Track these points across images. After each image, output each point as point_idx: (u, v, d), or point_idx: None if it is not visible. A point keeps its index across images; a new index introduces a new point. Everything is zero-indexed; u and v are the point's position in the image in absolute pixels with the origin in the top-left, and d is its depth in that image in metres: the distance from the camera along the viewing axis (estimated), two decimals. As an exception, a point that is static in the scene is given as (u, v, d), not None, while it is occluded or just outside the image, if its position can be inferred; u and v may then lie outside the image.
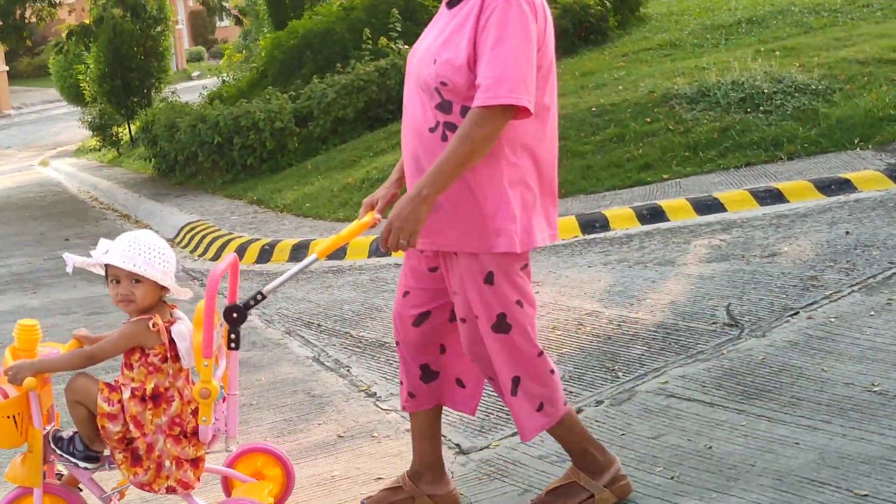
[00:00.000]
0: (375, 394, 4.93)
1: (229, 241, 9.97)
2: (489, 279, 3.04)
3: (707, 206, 7.54)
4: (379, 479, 3.84)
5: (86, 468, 3.26)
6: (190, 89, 27.48)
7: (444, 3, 3.17)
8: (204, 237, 10.56)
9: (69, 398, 3.19)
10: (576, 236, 7.66)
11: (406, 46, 14.96)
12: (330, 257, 8.12)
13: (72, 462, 3.26)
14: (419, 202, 2.88)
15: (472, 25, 2.91)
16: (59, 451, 3.25)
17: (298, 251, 8.86)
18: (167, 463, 3.13)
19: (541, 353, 3.16)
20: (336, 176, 12.08)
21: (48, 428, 3.26)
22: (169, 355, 3.13)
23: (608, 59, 13.42)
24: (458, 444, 4.10)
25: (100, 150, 24.72)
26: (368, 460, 4.10)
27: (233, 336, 3.15)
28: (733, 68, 10.05)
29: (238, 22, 25.57)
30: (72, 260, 3.17)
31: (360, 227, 3.22)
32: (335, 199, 10.68)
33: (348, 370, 5.38)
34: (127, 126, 23.89)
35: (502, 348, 3.10)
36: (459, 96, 2.94)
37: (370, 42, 15.29)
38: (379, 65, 14.73)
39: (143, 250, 3.12)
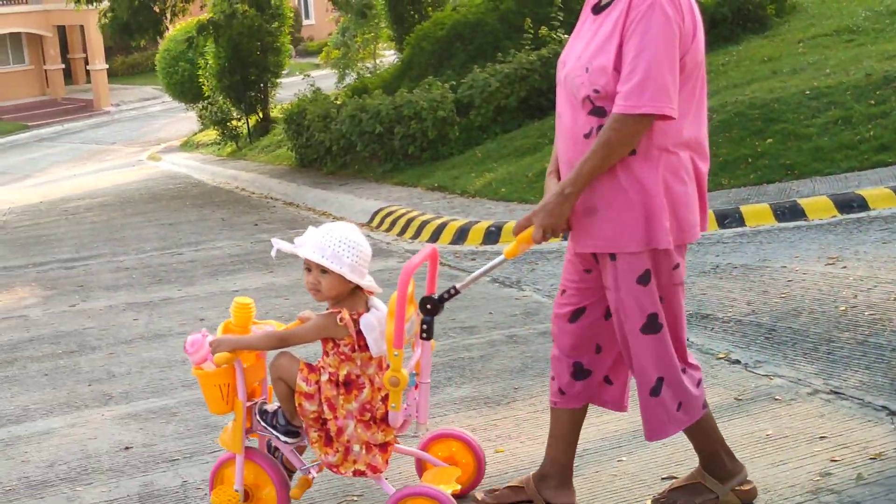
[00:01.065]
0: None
1: (427, 222, 10.12)
2: (643, 279, 3.09)
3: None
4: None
5: (286, 442, 3.46)
6: (292, 85, 27.64)
7: (588, 9, 3.21)
8: (398, 219, 10.70)
9: (272, 374, 3.40)
10: (833, 216, 7.60)
11: (566, 35, 14.94)
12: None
13: (274, 434, 3.47)
14: (563, 200, 3.04)
15: (619, 31, 2.97)
16: (263, 423, 3.47)
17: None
18: (356, 447, 3.28)
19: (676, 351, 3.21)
20: (521, 161, 12.11)
21: (256, 400, 3.51)
22: (358, 345, 3.26)
23: (783, 45, 13.28)
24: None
25: (218, 143, 25.03)
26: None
27: (425, 326, 3.28)
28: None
29: (362, 15, 25.61)
30: (278, 245, 3.32)
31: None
32: (534, 183, 10.72)
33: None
34: (245, 120, 24.18)
35: (648, 349, 3.15)
36: (612, 102, 3.00)
37: (531, 31, 15.26)
38: (541, 53, 14.74)
39: (335, 243, 3.23)
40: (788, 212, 7.86)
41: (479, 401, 4.86)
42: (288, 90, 25.37)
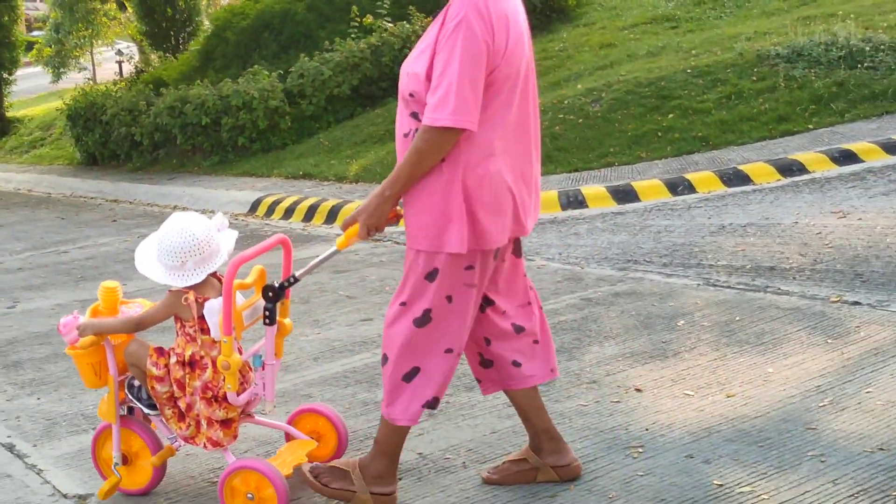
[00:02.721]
0: None
1: (321, 203, 10.00)
2: (430, 276, 3.28)
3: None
4: None
5: (149, 413, 3.78)
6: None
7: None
8: (296, 206, 10.49)
9: (127, 361, 3.67)
10: (778, 179, 8.24)
11: (392, 24, 15.05)
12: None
13: (139, 406, 3.80)
14: (382, 201, 3.23)
15: (434, 42, 3.14)
16: (129, 396, 3.79)
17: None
18: (203, 423, 3.56)
19: (450, 350, 3.39)
20: (384, 147, 12.13)
21: (128, 374, 3.78)
22: (201, 328, 3.51)
23: (607, 33, 14.05)
24: None
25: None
26: None
27: (267, 312, 3.50)
28: (790, 33, 10.90)
29: (121, 6, 24.44)
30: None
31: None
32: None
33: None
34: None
35: (412, 340, 3.34)
36: (424, 107, 3.18)
37: (358, 19, 15.25)
38: (370, 41, 14.76)
39: (147, 245, 3.61)
40: (734, 177, 8.41)
41: (639, 356, 4.95)
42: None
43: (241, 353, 3.63)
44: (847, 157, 8.35)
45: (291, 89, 14.65)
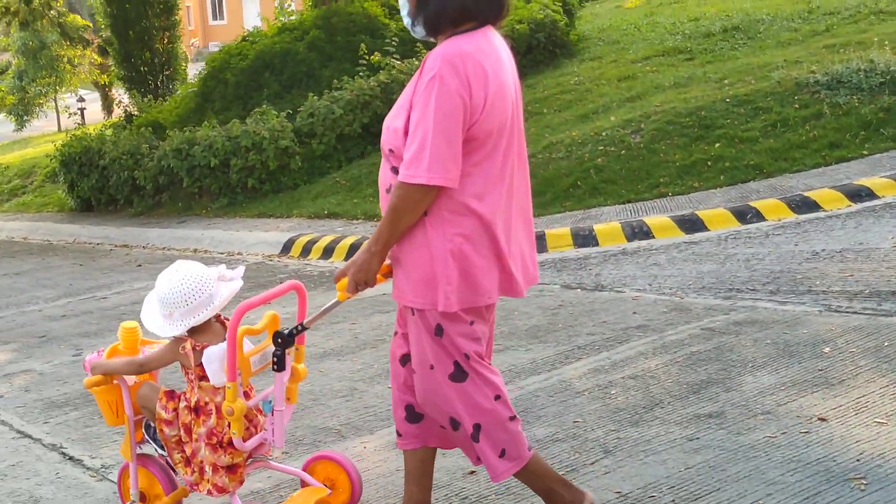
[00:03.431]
0: None
1: (362, 241, 9.70)
2: (438, 331, 3.22)
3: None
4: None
5: (162, 454, 3.85)
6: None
7: None
8: (333, 245, 10.26)
9: (139, 403, 3.76)
10: (848, 206, 8.15)
11: (400, 62, 14.91)
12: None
13: (154, 446, 3.86)
14: (369, 257, 3.19)
15: (411, 97, 3.12)
16: (146, 436, 3.86)
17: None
18: (207, 468, 3.56)
19: (498, 397, 3.31)
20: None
21: (143, 415, 3.84)
22: (202, 375, 3.53)
23: (620, 67, 13.99)
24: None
25: None
26: None
27: (275, 359, 3.49)
28: (822, 61, 10.90)
29: (103, 52, 24.12)
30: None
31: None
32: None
33: None
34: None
35: (458, 396, 3.27)
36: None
37: (365, 57, 15.08)
38: (379, 79, 14.59)
39: (150, 304, 3.62)
40: (802, 204, 8.30)
41: (801, 384, 4.79)
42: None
43: (249, 397, 3.63)
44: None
45: (301, 129, 14.42)
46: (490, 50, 3.12)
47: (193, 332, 3.53)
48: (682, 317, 6.15)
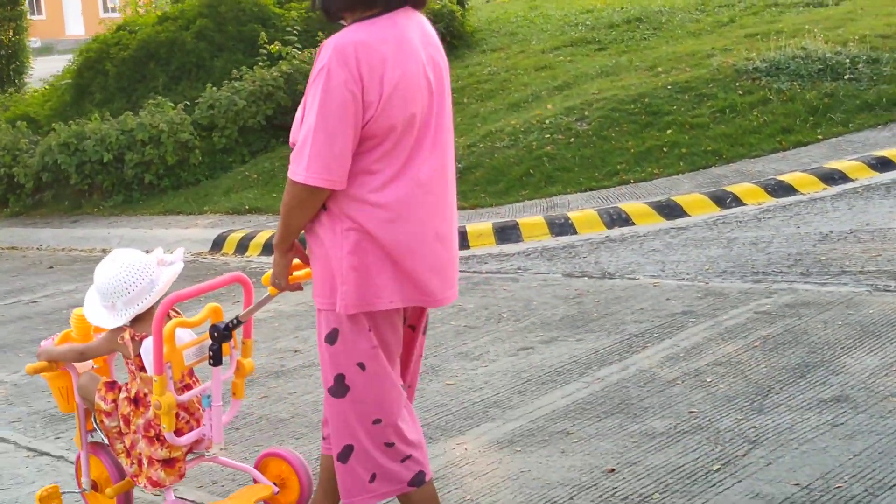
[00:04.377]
0: None
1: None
2: (331, 338, 3.02)
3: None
4: None
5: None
6: None
7: None
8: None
9: (78, 392, 3.72)
10: (824, 189, 8.17)
11: (301, 51, 14.35)
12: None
13: (102, 436, 3.78)
14: (277, 255, 3.09)
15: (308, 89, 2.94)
16: (95, 425, 3.77)
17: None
18: (144, 461, 3.48)
19: (378, 421, 3.05)
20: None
21: None
22: (140, 366, 3.48)
23: (531, 57, 13.83)
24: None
25: None
26: None
27: (211, 353, 3.41)
28: (752, 50, 10.99)
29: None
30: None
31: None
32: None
33: None
34: None
35: (336, 411, 3.06)
36: None
37: (266, 46, 14.43)
38: (282, 69, 13.98)
39: (91, 297, 3.60)
40: (778, 188, 8.28)
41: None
42: None
43: (190, 390, 3.55)
44: (884, 164, 8.35)
45: (200, 121, 13.66)
46: (395, 37, 2.85)
47: (136, 321, 3.46)
48: (723, 301, 5.94)
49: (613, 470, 3.96)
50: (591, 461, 4.07)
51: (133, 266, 3.46)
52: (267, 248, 9.63)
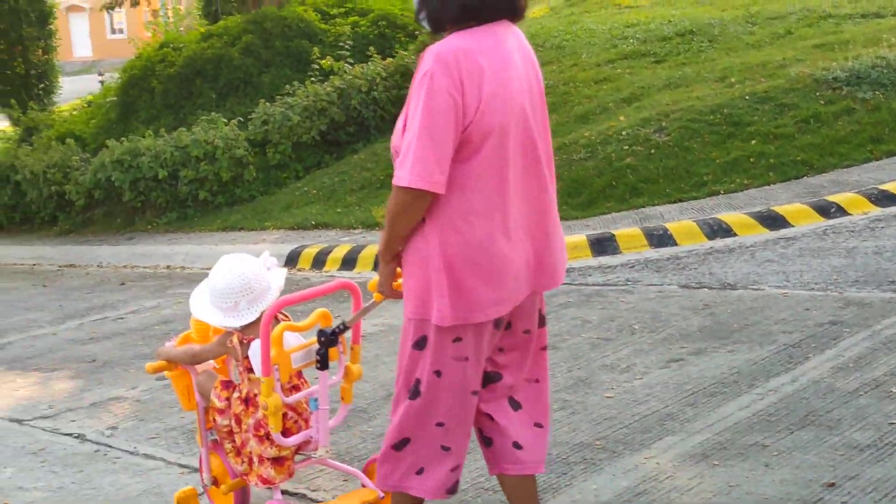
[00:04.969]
0: None
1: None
2: (419, 345, 3.07)
3: None
4: None
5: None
6: None
7: None
8: (353, 257, 9.54)
9: (197, 390, 3.81)
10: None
11: (353, 66, 14.22)
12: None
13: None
14: (382, 265, 3.14)
15: (410, 95, 3.00)
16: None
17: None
18: (255, 459, 3.57)
19: (441, 425, 3.14)
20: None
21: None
22: (249, 367, 3.55)
23: (585, 70, 13.68)
24: None
25: None
26: None
27: (318, 357, 3.45)
28: (826, 60, 10.84)
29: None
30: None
31: None
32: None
33: None
34: None
35: (406, 411, 3.14)
36: None
37: (318, 61, 14.31)
38: (335, 84, 13.85)
39: (200, 290, 3.69)
40: (881, 197, 8.11)
41: None
42: None
43: (299, 391, 3.60)
44: None
45: (254, 137, 13.51)
46: (493, 46, 2.94)
47: (244, 325, 3.52)
48: (870, 311, 5.78)
49: (833, 484, 3.78)
50: (803, 475, 3.88)
51: (252, 269, 3.55)
52: (346, 263, 9.48)
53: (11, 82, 22.15)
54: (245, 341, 3.52)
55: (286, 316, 3.65)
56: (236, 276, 3.52)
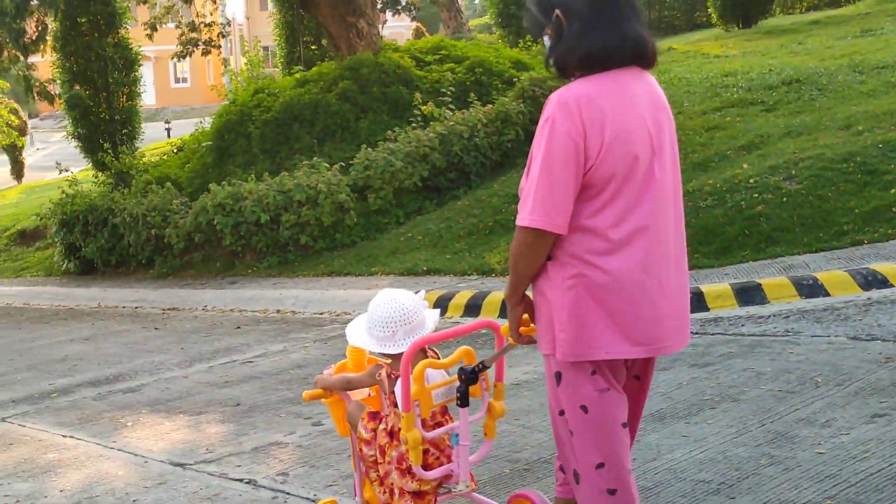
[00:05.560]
0: None
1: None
2: (557, 378, 3.18)
3: None
4: None
5: None
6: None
7: None
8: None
9: (346, 419, 3.93)
10: None
11: (455, 112, 14.11)
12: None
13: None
14: (509, 306, 3.25)
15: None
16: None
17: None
18: (396, 492, 3.61)
19: (601, 466, 3.17)
20: (502, 238, 11.07)
21: None
22: (393, 402, 3.59)
23: (691, 118, 13.46)
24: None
25: None
26: None
27: (458, 394, 3.53)
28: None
29: (50, 101, 22.51)
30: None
31: None
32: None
33: None
34: None
35: (566, 442, 3.24)
36: None
37: (420, 107, 14.23)
38: (437, 130, 13.73)
39: (357, 321, 3.77)
40: None
41: None
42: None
43: (441, 426, 3.64)
44: None
45: (356, 182, 13.41)
46: (616, 91, 3.01)
47: (394, 360, 3.58)
48: None
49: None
50: None
51: (410, 301, 3.65)
52: (469, 309, 9.26)
53: (96, 127, 22.33)
54: (392, 376, 3.59)
55: (435, 353, 3.72)
56: (397, 307, 3.60)
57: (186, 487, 5.22)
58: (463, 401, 3.54)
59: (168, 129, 44.62)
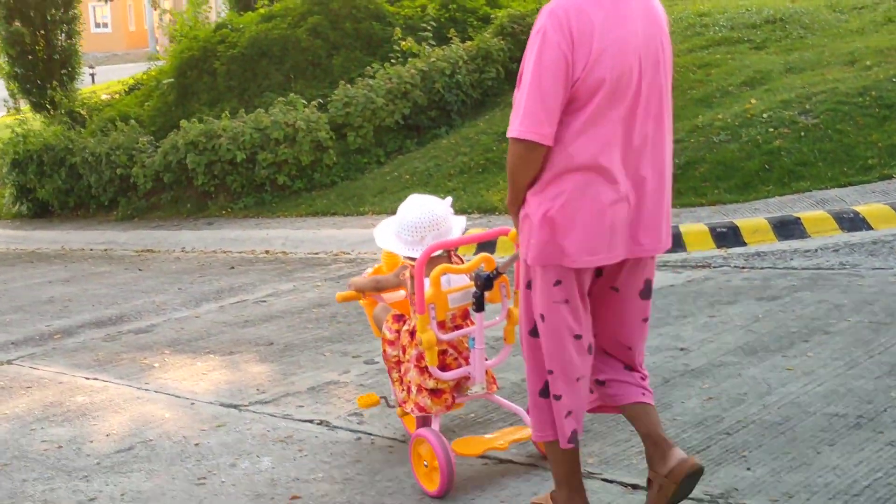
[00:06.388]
0: None
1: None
2: (529, 286, 3.20)
3: None
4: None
5: None
6: None
7: None
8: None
9: (373, 320, 4.12)
10: None
11: (435, 48, 13.59)
12: None
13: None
14: (510, 212, 3.24)
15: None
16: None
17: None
18: (413, 388, 3.75)
19: (550, 373, 3.19)
20: (500, 175, 10.66)
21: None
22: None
23: (683, 55, 13.12)
24: None
25: None
26: None
27: (474, 300, 3.63)
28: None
29: None
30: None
31: None
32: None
33: None
34: None
35: (536, 351, 3.22)
36: None
37: (399, 43, 13.66)
38: (419, 67, 13.21)
39: (386, 223, 3.91)
40: None
41: None
42: None
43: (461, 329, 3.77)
44: None
45: (336, 120, 12.84)
46: (609, 4, 2.95)
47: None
48: None
49: None
50: None
51: (442, 207, 3.77)
52: (481, 246, 8.82)
53: (34, 67, 21.22)
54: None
55: (459, 258, 3.82)
56: (427, 213, 3.71)
57: (251, 430, 4.75)
58: (478, 306, 3.62)
59: (93, 75, 42.93)
